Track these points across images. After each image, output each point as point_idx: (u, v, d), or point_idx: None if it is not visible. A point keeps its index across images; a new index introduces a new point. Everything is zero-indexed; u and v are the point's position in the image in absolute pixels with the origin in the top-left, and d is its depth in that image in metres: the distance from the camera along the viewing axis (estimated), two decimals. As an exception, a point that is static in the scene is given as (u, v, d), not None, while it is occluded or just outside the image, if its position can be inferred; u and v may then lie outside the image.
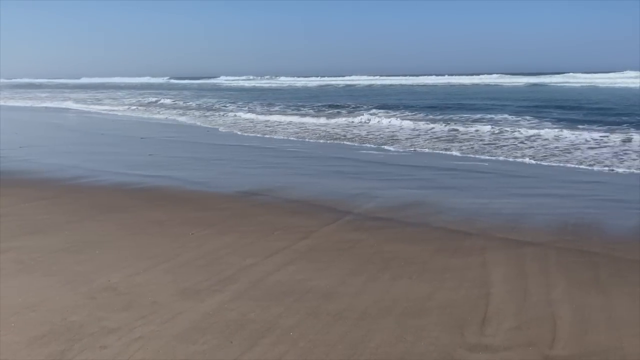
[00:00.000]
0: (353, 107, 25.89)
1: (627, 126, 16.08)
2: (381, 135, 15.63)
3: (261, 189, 8.23)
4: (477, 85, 54.78)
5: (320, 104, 28.66)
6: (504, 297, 4.18)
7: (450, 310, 3.93)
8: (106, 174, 9.65)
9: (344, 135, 15.79)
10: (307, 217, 6.62)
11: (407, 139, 14.88)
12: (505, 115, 19.91)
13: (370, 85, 60.13)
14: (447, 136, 15.23)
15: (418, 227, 6.19)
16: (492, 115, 20.10)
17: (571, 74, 66.36)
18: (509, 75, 71.47)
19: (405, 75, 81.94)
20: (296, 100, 33.92)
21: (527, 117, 19.09)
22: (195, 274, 4.66)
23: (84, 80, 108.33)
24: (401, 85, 59.41)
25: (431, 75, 78.23)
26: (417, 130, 16.76)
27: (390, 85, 59.86)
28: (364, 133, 16.28)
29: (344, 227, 6.20)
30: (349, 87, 56.40)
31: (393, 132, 16.41)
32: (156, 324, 3.71)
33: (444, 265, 4.88)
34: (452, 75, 75.23)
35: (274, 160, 11.40)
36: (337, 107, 26.72)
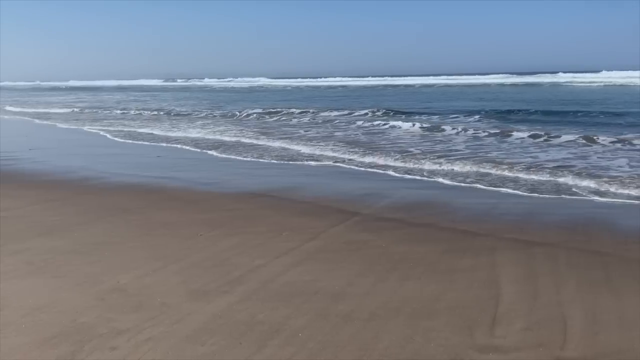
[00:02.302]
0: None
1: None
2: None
3: (269, 190, 8.24)
4: (470, 85, 54.22)
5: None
6: (514, 297, 4.15)
7: (459, 311, 3.91)
8: (116, 175, 9.71)
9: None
10: (315, 218, 6.61)
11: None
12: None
13: (345, 86, 59.60)
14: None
15: (426, 228, 6.17)
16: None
17: (571, 74, 66.17)
18: (512, 75, 71.12)
19: (407, 76, 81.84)
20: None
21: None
22: (204, 275, 4.67)
23: (71, 82, 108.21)
24: (384, 86, 58.60)
25: (441, 75, 78.00)
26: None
27: (367, 86, 59.41)
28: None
29: (352, 227, 6.19)
30: (312, 89, 55.48)
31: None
32: (165, 325, 3.72)
33: (453, 266, 4.86)
34: (468, 75, 75.06)
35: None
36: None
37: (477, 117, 20.14)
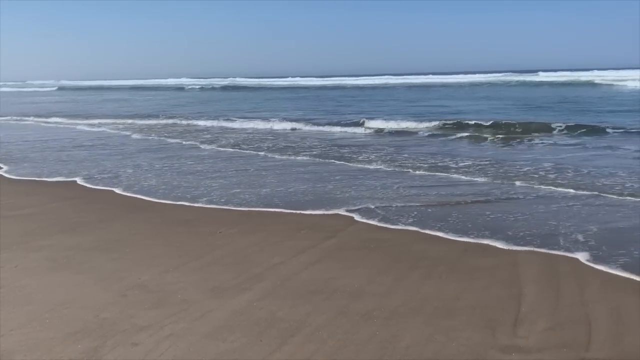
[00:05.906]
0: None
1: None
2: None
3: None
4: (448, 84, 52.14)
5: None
6: (536, 297, 4.09)
7: (481, 311, 3.87)
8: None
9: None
10: (333, 216, 6.60)
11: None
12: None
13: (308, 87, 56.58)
14: None
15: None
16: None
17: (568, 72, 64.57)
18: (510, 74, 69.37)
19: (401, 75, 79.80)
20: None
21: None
22: (223, 272, 4.68)
23: (63, 82, 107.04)
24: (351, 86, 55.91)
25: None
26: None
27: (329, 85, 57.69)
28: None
29: (370, 226, 6.16)
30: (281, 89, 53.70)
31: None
32: (186, 321, 3.74)
33: (474, 265, 4.81)
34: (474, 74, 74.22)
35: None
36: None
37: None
